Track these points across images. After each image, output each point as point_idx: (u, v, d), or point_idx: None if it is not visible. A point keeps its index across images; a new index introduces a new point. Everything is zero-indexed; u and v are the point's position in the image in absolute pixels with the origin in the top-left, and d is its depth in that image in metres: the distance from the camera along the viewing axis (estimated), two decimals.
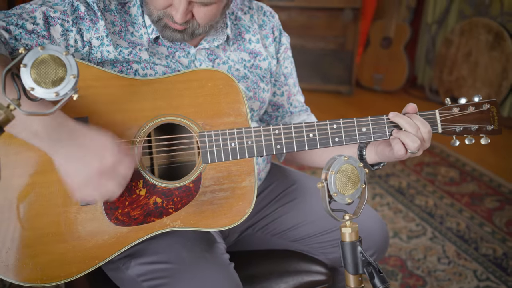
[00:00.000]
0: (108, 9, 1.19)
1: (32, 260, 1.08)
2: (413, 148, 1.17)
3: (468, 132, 1.27)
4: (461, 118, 1.25)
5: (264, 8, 1.43)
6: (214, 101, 1.14)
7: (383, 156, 1.26)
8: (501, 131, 1.29)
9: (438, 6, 4.22)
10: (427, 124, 1.19)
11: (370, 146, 1.29)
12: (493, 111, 1.28)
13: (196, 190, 1.13)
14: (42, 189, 1.08)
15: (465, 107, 1.26)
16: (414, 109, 1.22)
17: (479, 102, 1.27)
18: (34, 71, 0.90)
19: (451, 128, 1.25)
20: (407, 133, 1.17)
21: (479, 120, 1.26)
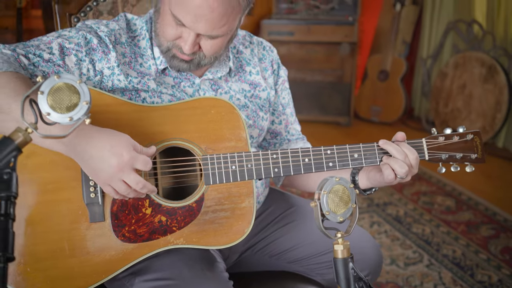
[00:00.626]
0: (119, 42, 1.28)
1: (43, 273, 1.14)
2: (401, 173, 1.24)
3: (453, 160, 1.34)
4: (447, 146, 1.33)
5: (264, 43, 1.53)
6: (216, 127, 1.22)
7: (375, 181, 1.33)
8: (485, 160, 1.37)
9: (433, 41, 4.36)
10: (414, 151, 1.27)
11: (362, 172, 1.36)
12: (477, 141, 1.36)
13: (198, 210, 1.20)
14: (53, 207, 1.15)
15: (450, 137, 1.34)
16: (403, 137, 1.30)
17: (463, 133, 1.35)
18: (50, 97, 0.98)
19: (437, 155, 1.32)
20: (396, 159, 1.25)
21: (463, 149, 1.34)
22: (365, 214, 2.97)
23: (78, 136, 1.07)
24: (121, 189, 1.10)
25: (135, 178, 1.09)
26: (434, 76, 4.36)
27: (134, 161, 1.08)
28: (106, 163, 1.07)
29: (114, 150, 1.07)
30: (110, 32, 1.27)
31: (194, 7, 1.15)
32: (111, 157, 1.07)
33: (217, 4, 1.15)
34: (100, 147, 1.07)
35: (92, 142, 1.07)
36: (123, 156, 1.07)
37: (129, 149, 1.08)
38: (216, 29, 1.20)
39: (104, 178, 1.09)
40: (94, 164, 1.08)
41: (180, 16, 1.18)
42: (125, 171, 1.08)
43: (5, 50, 1.15)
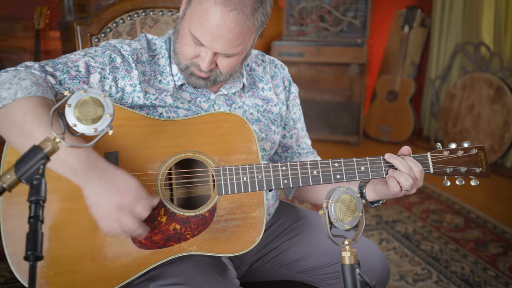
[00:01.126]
0: (140, 61, 1.36)
1: (64, 277, 1.21)
2: (406, 185, 1.30)
3: (458, 174, 1.39)
4: (451, 160, 1.38)
5: (275, 61, 1.61)
6: (229, 140, 1.29)
7: (381, 193, 1.38)
8: (489, 174, 1.41)
9: (441, 62, 4.43)
10: (419, 164, 1.32)
11: (369, 185, 1.42)
12: (481, 156, 1.41)
13: (211, 219, 1.26)
14: (75, 214, 1.21)
15: (454, 151, 1.39)
16: (408, 151, 1.36)
17: (467, 147, 1.40)
18: (77, 110, 1.06)
19: (442, 169, 1.37)
20: (401, 172, 1.31)
21: (467, 163, 1.39)
22: (374, 231, 3.00)
23: (92, 167, 1.13)
24: (113, 227, 1.15)
25: (131, 221, 1.14)
26: (442, 96, 4.42)
27: (135, 205, 1.14)
28: (108, 200, 1.13)
29: (120, 190, 1.13)
30: (132, 51, 1.35)
31: (213, 27, 1.23)
32: (115, 196, 1.13)
33: (234, 25, 1.23)
34: (109, 183, 1.13)
35: (103, 177, 1.13)
36: (126, 198, 1.13)
37: (135, 193, 1.14)
38: (233, 48, 1.28)
39: (102, 213, 1.14)
40: (98, 198, 1.14)
41: (199, 36, 1.26)
42: (124, 212, 1.13)
43: (35, 71, 1.23)
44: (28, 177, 0.97)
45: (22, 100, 1.15)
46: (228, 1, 1.21)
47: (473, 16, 4.11)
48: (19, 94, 1.15)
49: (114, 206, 1.13)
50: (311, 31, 4.51)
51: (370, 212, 3.26)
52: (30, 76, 1.19)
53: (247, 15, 1.23)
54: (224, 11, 1.21)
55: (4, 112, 1.15)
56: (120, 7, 1.73)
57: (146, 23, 1.75)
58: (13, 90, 1.15)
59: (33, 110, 1.14)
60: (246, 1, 1.22)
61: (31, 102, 1.15)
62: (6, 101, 1.14)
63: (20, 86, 1.16)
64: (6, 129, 1.17)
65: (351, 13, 4.49)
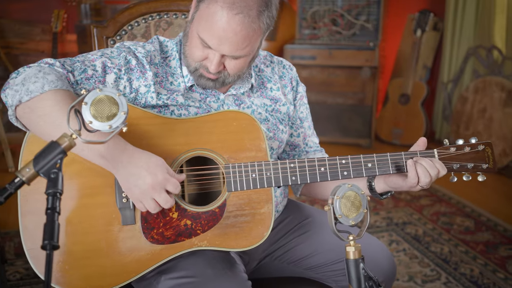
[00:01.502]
0: (153, 63, 1.41)
1: (79, 271, 1.25)
2: (425, 182, 1.33)
3: (465, 170, 1.42)
4: (458, 157, 1.41)
5: (284, 62, 1.65)
6: (238, 138, 1.33)
7: (395, 184, 1.41)
8: (496, 169, 1.44)
9: (453, 66, 4.43)
10: (444, 167, 1.35)
11: (379, 178, 1.45)
12: (488, 152, 1.43)
13: (221, 215, 1.31)
14: (90, 210, 1.26)
15: (461, 147, 1.41)
16: (424, 143, 1.42)
17: (474, 143, 1.42)
18: (93, 108, 1.11)
19: (449, 165, 1.40)
20: (424, 168, 1.33)
21: (474, 159, 1.41)
22: (385, 233, 3.02)
23: (121, 153, 1.20)
24: (151, 206, 1.22)
25: (165, 197, 1.22)
26: (455, 100, 4.42)
27: (166, 182, 1.21)
28: (141, 180, 1.19)
29: (150, 170, 1.20)
30: (146, 53, 1.40)
31: (219, 31, 1.27)
32: (147, 176, 1.19)
33: (240, 28, 1.27)
34: (139, 166, 1.20)
35: (133, 161, 1.20)
36: (158, 176, 1.20)
37: (163, 171, 1.21)
38: (239, 50, 1.32)
39: (137, 194, 1.21)
40: (132, 180, 1.20)
41: (206, 39, 1.31)
42: (157, 190, 1.20)
43: (58, 68, 1.29)
44: (46, 171, 1.02)
45: (50, 92, 1.21)
46: (234, 5, 1.25)
47: (485, 20, 4.11)
48: (46, 87, 1.20)
49: (148, 187, 1.20)
50: (323, 34, 4.54)
51: (380, 214, 3.28)
52: (54, 71, 1.25)
53: (253, 18, 1.27)
54: (230, 14, 1.25)
55: (32, 104, 1.21)
56: (136, 10, 1.78)
57: (160, 25, 1.80)
58: (39, 83, 1.21)
59: (60, 101, 1.20)
60: (251, 5, 1.27)
61: (58, 94, 1.20)
62: (33, 93, 1.20)
63: (46, 80, 1.21)
64: (34, 119, 1.22)
65: (364, 17, 4.52)
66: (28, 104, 1.22)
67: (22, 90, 1.22)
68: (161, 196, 1.21)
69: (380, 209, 3.36)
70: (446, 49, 4.47)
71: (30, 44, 4.50)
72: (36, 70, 1.25)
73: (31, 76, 1.23)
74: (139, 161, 1.21)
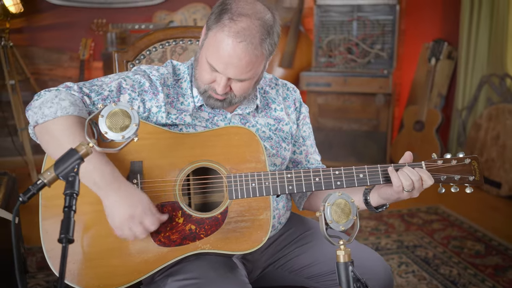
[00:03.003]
0: (166, 85, 1.55)
1: (92, 270, 1.37)
2: (406, 184, 1.43)
3: (452, 181, 1.50)
4: (445, 169, 1.50)
5: (288, 84, 1.77)
6: (239, 150, 1.45)
7: (385, 194, 1.51)
8: (483, 182, 1.52)
9: (467, 94, 4.51)
10: (416, 173, 1.45)
11: (373, 192, 1.55)
12: (475, 165, 1.52)
13: (223, 220, 1.42)
14: (103, 215, 1.38)
15: (448, 161, 1.51)
16: (410, 156, 1.53)
17: (461, 157, 1.51)
18: (108, 120, 1.24)
19: (437, 176, 1.49)
20: (402, 172, 1.44)
21: (461, 172, 1.50)
22: (395, 255, 3.07)
23: (111, 183, 1.33)
24: (128, 235, 1.35)
25: (141, 230, 1.35)
26: (469, 127, 4.47)
27: (144, 216, 1.34)
28: (122, 210, 1.33)
29: (132, 203, 1.33)
30: (160, 76, 1.54)
31: (226, 57, 1.41)
32: (128, 207, 1.33)
33: (244, 55, 1.40)
34: (123, 197, 1.33)
35: (119, 193, 1.33)
36: (137, 209, 1.33)
37: (144, 206, 1.34)
38: (244, 74, 1.45)
39: (117, 222, 1.34)
40: (114, 208, 1.33)
41: (214, 64, 1.44)
42: (134, 222, 1.33)
43: (74, 92, 1.43)
44: (65, 174, 1.16)
45: (61, 118, 1.35)
46: (238, 34, 1.39)
47: (498, 49, 4.20)
48: (59, 113, 1.35)
49: (126, 217, 1.33)
50: (339, 62, 4.68)
51: (391, 237, 3.33)
52: (69, 97, 1.39)
53: (256, 45, 1.40)
54: (235, 42, 1.39)
55: (46, 126, 1.36)
56: (154, 36, 1.94)
57: (175, 51, 1.95)
58: (54, 109, 1.35)
59: (69, 127, 1.34)
60: (254, 33, 1.40)
61: (69, 121, 1.35)
62: (47, 118, 1.35)
63: (60, 105, 1.36)
64: (46, 140, 1.38)
65: (378, 46, 4.65)
66: (43, 126, 1.38)
67: (39, 113, 1.37)
68: (137, 228, 1.34)
69: (392, 232, 3.42)
70: (460, 77, 4.55)
71: (58, 70, 4.75)
72: (53, 95, 1.40)
73: (48, 101, 1.38)
74: (125, 193, 1.34)
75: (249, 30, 1.40)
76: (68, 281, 1.37)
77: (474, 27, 4.41)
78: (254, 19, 1.40)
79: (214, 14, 1.45)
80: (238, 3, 1.42)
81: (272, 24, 1.44)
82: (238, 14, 1.40)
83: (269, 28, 1.44)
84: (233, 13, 1.40)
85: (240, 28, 1.39)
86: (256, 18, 1.41)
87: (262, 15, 1.42)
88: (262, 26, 1.42)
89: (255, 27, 1.40)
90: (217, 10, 1.44)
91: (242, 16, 1.40)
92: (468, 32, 4.45)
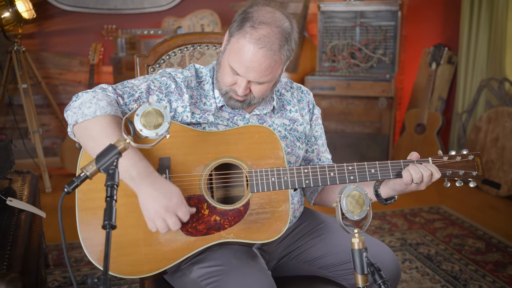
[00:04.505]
0: (189, 87, 1.67)
1: (125, 258, 1.49)
2: (416, 177, 1.54)
3: (457, 176, 1.62)
4: (450, 164, 1.62)
5: (302, 87, 1.89)
6: (259, 147, 1.57)
7: (395, 185, 1.61)
8: (485, 176, 1.64)
9: (467, 97, 4.63)
10: (427, 169, 1.56)
11: (383, 185, 1.66)
12: (477, 161, 1.64)
13: (245, 212, 1.53)
14: (135, 207, 1.50)
15: (453, 157, 1.63)
16: (417, 156, 1.62)
17: (465, 154, 1.63)
18: (143, 118, 1.36)
19: (442, 171, 1.61)
20: (413, 168, 1.55)
21: (465, 167, 1.62)
22: (398, 252, 3.19)
23: (146, 177, 1.43)
24: (161, 226, 1.45)
25: (175, 221, 1.44)
26: (469, 129, 4.60)
27: (178, 208, 1.44)
28: (157, 202, 1.43)
29: (167, 195, 1.43)
30: (184, 78, 1.66)
31: (247, 61, 1.53)
32: (163, 199, 1.43)
33: (263, 60, 1.52)
34: (158, 189, 1.43)
35: (154, 186, 1.44)
36: (172, 200, 1.43)
37: (178, 198, 1.44)
38: (263, 77, 1.57)
39: (152, 214, 1.44)
40: (149, 201, 1.43)
41: (235, 68, 1.56)
42: (169, 212, 1.43)
43: (110, 93, 1.55)
44: (106, 167, 1.27)
45: (100, 117, 1.47)
46: (259, 40, 1.50)
47: (497, 54, 4.32)
48: (98, 112, 1.46)
49: (161, 208, 1.43)
50: (342, 67, 4.80)
51: (395, 235, 3.44)
52: (106, 97, 1.51)
53: (275, 51, 1.52)
54: (256, 48, 1.51)
55: (85, 125, 1.47)
56: (173, 42, 2.06)
57: (194, 55, 2.07)
58: (93, 108, 1.47)
59: (108, 125, 1.46)
60: (273, 40, 1.52)
61: (106, 120, 1.46)
62: (87, 117, 1.46)
63: (98, 105, 1.48)
64: (85, 138, 1.49)
65: (381, 51, 4.77)
66: (82, 125, 1.49)
67: (79, 113, 1.49)
68: (172, 219, 1.43)
69: (395, 230, 3.53)
70: (460, 81, 4.68)
71: (68, 75, 4.87)
72: (91, 96, 1.51)
73: (87, 101, 1.50)
74: (159, 186, 1.44)
75: (268, 37, 1.52)
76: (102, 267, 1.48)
77: (473, 32, 4.54)
78: (273, 27, 1.52)
79: (236, 21, 1.57)
80: (259, 12, 1.54)
81: (290, 31, 1.56)
82: (259, 22, 1.52)
83: (287, 36, 1.56)
84: (254, 21, 1.52)
85: (260, 35, 1.51)
86: (276, 26, 1.53)
87: (281, 23, 1.54)
88: (281, 34, 1.53)
89: (274, 34, 1.52)
90: (239, 18, 1.56)
91: (263, 24, 1.52)
92: (467, 37, 4.58)
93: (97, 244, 1.49)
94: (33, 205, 2.07)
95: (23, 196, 2.15)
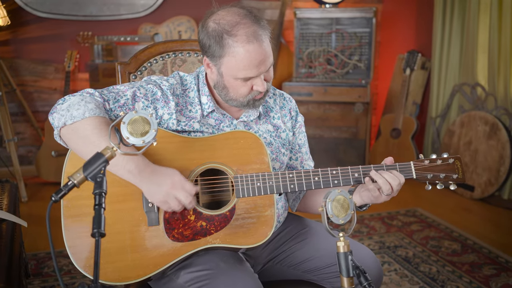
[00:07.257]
0: (175, 94, 1.68)
1: (112, 265, 1.49)
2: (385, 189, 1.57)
3: (438, 179, 1.66)
4: (431, 168, 1.66)
5: (284, 95, 1.92)
6: (245, 153, 1.59)
7: (366, 197, 1.65)
8: (465, 179, 1.69)
9: (441, 102, 4.74)
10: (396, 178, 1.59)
11: (355, 193, 1.68)
12: (458, 164, 1.68)
13: (231, 217, 1.55)
14: (121, 214, 1.50)
15: (434, 161, 1.67)
16: (391, 161, 1.65)
17: (445, 157, 1.68)
18: (130, 126, 1.37)
19: (424, 175, 1.65)
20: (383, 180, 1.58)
21: (446, 170, 1.66)
22: (377, 255, 3.24)
23: (145, 168, 1.46)
24: (175, 204, 1.47)
25: (185, 194, 1.46)
26: (442, 133, 4.70)
27: (183, 183, 1.46)
28: (163, 185, 1.45)
29: (169, 176, 1.46)
30: (170, 86, 1.67)
31: (256, 59, 1.55)
32: (167, 178, 1.46)
33: (268, 48, 1.57)
34: (159, 175, 1.46)
35: (155, 173, 1.46)
36: (175, 177, 1.46)
37: (180, 175, 1.47)
38: (270, 58, 1.60)
39: (161, 197, 1.46)
40: (154, 187, 1.46)
41: (248, 74, 1.58)
42: (177, 187, 1.45)
43: (97, 98, 1.55)
44: (93, 175, 1.27)
45: (90, 118, 1.47)
46: (249, 37, 1.53)
47: (469, 60, 4.44)
48: (87, 114, 1.47)
49: (167, 187, 1.45)
50: (319, 73, 4.86)
51: (373, 238, 3.50)
52: (93, 100, 1.51)
53: (262, 31, 1.57)
54: (251, 45, 1.53)
55: (75, 127, 1.47)
56: (154, 49, 2.07)
57: (175, 62, 2.08)
58: (81, 110, 1.47)
59: (99, 126, 1.46)
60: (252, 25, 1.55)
61: (97, 120, 1.47)
62: (76, 118, 1.46)
63: (87, 107, 1.48)
64: (75, 140, 1.49)
65: (356, 57, 4.85)
66: (72, 126, 1.48)
67: (67, 115, 1.48)
68: (181, 193, 1.46)
69: (373, 234, 3.59)
70: (434, 86, 4.79)
71: (44, 82, 4.81)
72: (79, 99, 1.51)
73: (75, 104, 1.50)
74: (159, 171, 1.47)
75: (249, 27, 1.55)
76: (90, 274, 1.48)
77: (446, 39, 4.66)
78: (243, 19, 1.56)
79: (212, 46, 1.58)
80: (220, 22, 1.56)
81: (251, 10, 1.60)
82: (231, 26, 1.54)
83: (256, 13, 1.60)
84: (229, 31, 1.54)
85: (246, 32, 1.54)
86: (243, 17, 1.56)
87: (242, 11, 1.58)
88: (250, 17, 1.57)
89: (248, 21, 1.56)
90: (213, 41, 1.57)
91: (237, 25, 1.54)
92: (440, 43, 4.70)
93: (83, 251, 1.49)
94: (14, 214, 2.04)
95: (3, 206, 2.12)
